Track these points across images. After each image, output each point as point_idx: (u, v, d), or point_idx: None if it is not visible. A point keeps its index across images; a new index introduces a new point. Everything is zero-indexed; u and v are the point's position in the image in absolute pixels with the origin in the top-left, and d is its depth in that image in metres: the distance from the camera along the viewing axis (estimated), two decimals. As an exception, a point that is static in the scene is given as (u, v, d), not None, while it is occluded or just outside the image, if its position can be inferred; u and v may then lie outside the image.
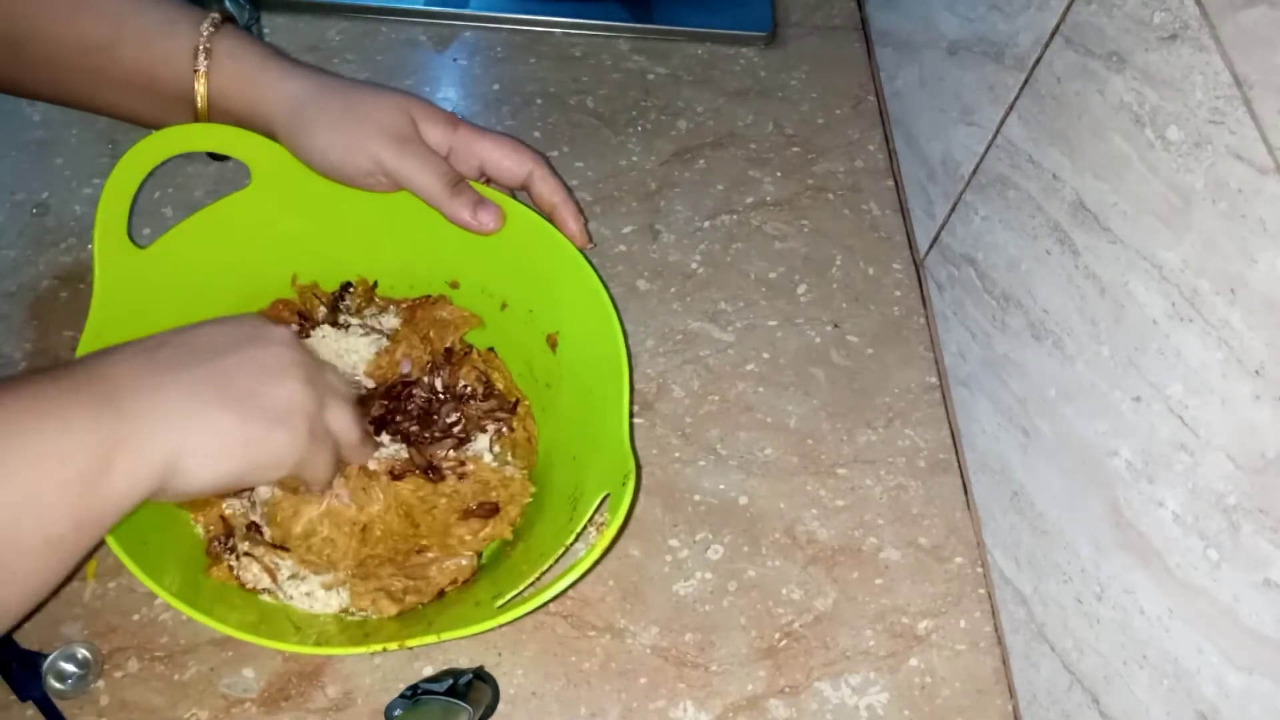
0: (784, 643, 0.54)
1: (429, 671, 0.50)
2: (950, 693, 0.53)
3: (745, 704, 0.51)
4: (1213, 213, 0.40)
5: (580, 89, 0.79)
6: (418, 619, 0.48)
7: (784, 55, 0.84)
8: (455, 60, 0.80)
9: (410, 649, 0.47)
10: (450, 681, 0.48)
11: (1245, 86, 0.38)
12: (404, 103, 0.52)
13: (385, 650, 0.43)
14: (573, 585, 0.42)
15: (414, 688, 0.47)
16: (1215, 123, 0.39)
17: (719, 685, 0.52)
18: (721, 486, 0.59)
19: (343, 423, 0.47)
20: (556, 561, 0.46)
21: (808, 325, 0.67)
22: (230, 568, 0.49)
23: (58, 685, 0.47)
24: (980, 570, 0.57)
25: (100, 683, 0.49)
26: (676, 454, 0.60)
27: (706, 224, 0.72)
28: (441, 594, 0.50)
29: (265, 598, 0.49)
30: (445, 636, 0.43)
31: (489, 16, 0.82)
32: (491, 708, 0.49)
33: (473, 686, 0.48)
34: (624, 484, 0.45)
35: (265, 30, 0.77)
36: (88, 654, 0.48)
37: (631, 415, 0.49)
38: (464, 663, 0.51)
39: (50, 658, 0.48)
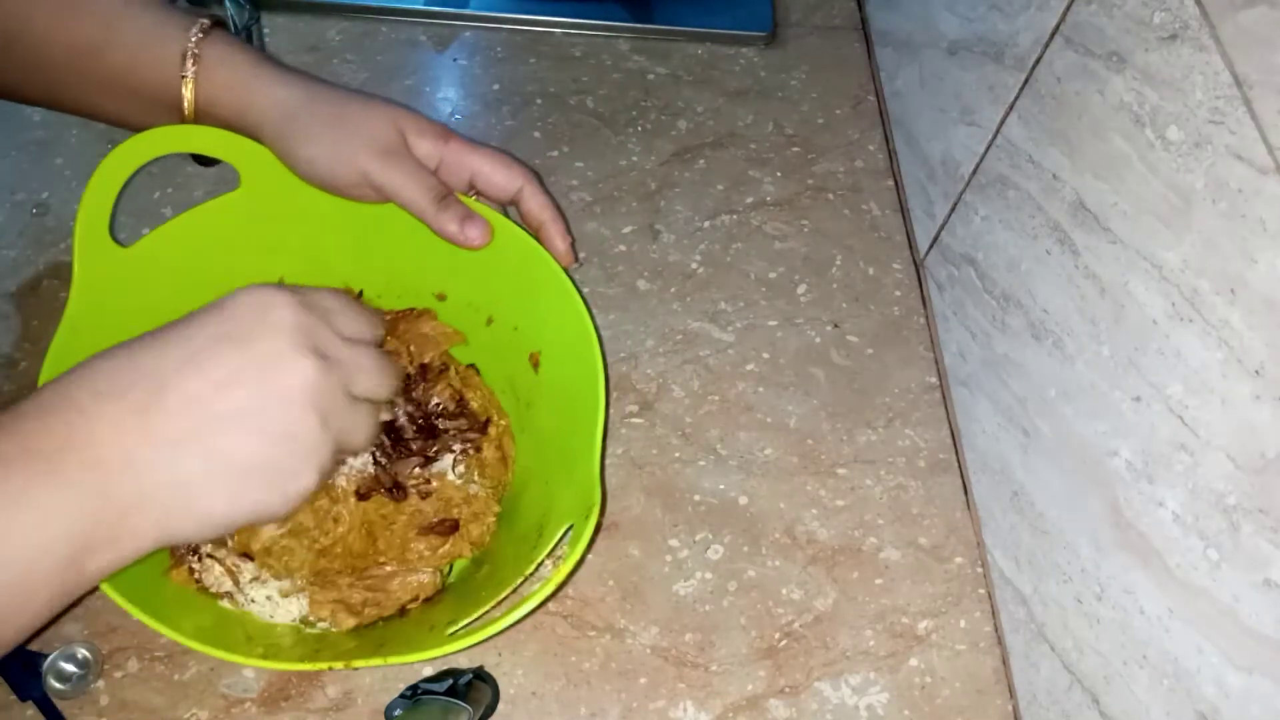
0: (784, 643, 0.54)
1: (429, 671, 0.50)
2: (950, 693, 0.53)
3: (745, 704, 0.51)
4: (1213, 213, 0.40)
5: (580, 89, 0.79)
6: (373, 637, 0.48)
7: (784, 55, 0.84)
8: (455, 60, 0.80)
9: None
10: (450, 681, 0.48)
11: (1245, 86, 0.38)
12: (394, 115, 0.51)
13: (331, 669, 0.43)
14: (523, 619, 0.41)
15: (414, 688, 0.47)
16: (1215, 123, 0.39)
17: (719, 685, 0.52)
18: (721, 486, 0.59)
19: (357, 441, 0.43)
20: (515, 590, 0.45)
21: (808, 325, 0.67)
22: (192, 570, 0.48)
23: (58, 685, 0.47)
24: (980, 570, 0.57)
25: (100, 683, 0.49)
26: (676, 454, 0.60)
27: (706, 224, 0.72)
28: (404, 611, 0.49)
29: (225, 603, 0.48)
30: (391, 661, 0.42)
31: (489, 16, 0.82)
32: (491, 708, 0.49)
33: (473, 686, 0.48)
34: (587, 518, 0.43)
35: (265, 30, 0.77)
36: (88, 654, 0.48)
37: (605, 445, 0.47)
38: (464, 663, 0.51)
39: (50, 658, 0.48)
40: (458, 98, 0.78)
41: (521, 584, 0.45)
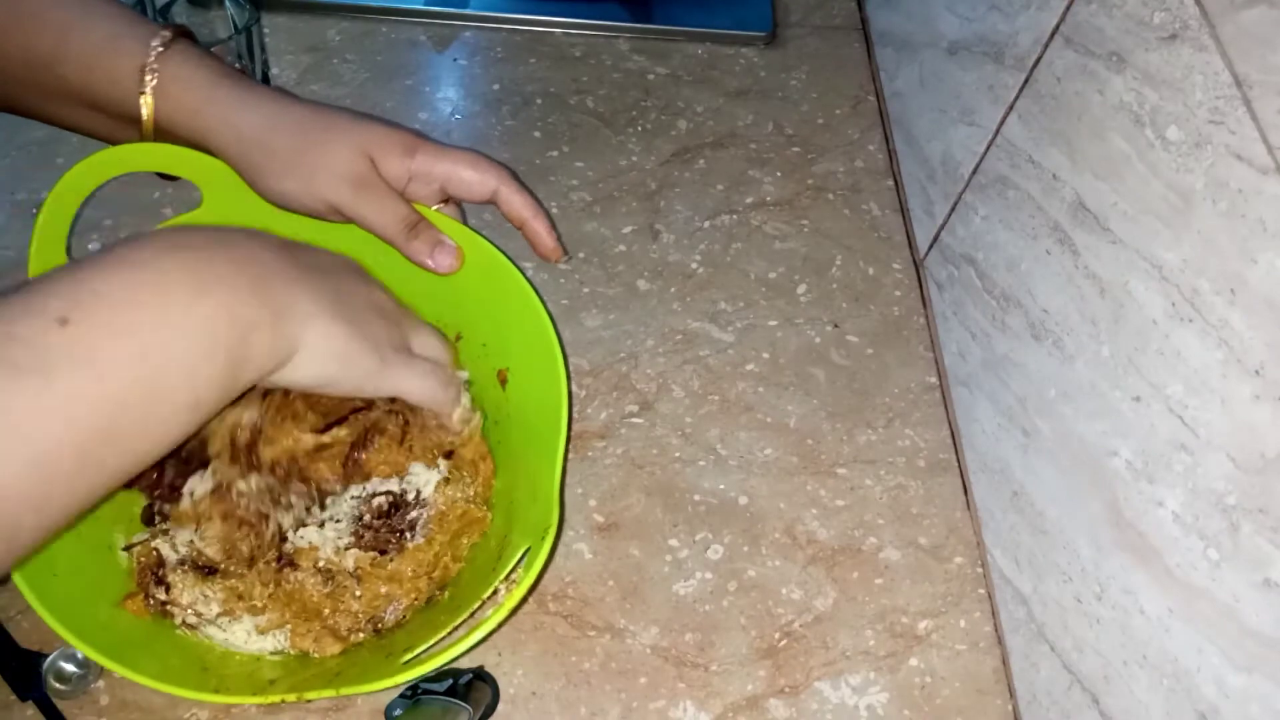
0: (784, 643, 0.54)
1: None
2: (950, 693, 0.53)
3: (745, 704, 0.51)
4: (1213, 213, 0.40)
5: (580, 89, 0.79)
6: (330, 666, 0.47)
7: (784, 55, 0.84)
8: (455, 60, 0.80)
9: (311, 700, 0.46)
10: (450, 681, 0.48)
11: (1245, 86, 0.38)
12: (359, 140, 0.49)
13: (284, 701, 0.43)
14: (475, 647, 0.41)
15: (414, 687, 0.47)
16: (1215, 123, 0.39)
17: (719, 685, 0.52)
18: (721, 486, 0.59)
19: (433, 351, 0.50)
20: (472, 615, 0.44)
21: (808, 325, 0.67)
22: (151, 600, 0.48)
23: (58, 685, 0.47)
24: (980, 570, 0.57)
25: (100, 683, 0.48)
26: (676, 454, 0.60)
27: (706, 224, 0.72)
28: (380, 631, 0.49)
29: (184, 632, 0.48)
30: (344, 692, 0.42)
31: (489, 16, 0.82)
32: (491, 708, 0.49)
33: (473, 686, 0.48)
34: (543, 539, 0.43)
35: (265, 30, 0.77)
36: (88, 654, 0.48)
37: (566, 465, 0.47)
38: (464, 663, 0.51)
39: (50, 658, 0.48)
40: (458, 98, 0.78)
41: (478, 608, 0.44)
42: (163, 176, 0.66)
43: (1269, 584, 0.36)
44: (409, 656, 0.43)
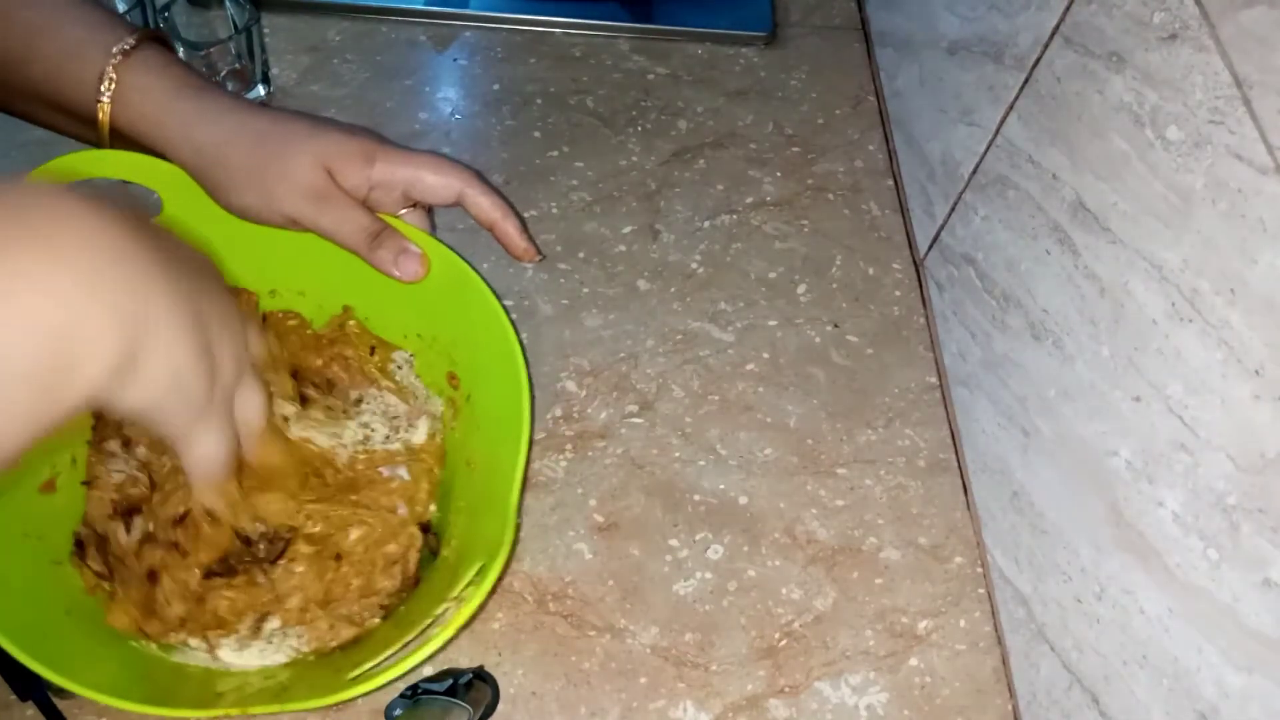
0: (784, 643, 0.54)
1: (429, 671, 0.50)
2: (950, 693, 0.53)
3: (745, 704, 0.51)
4: (1213, 213, 0.40)
5: (580, 89, 0.79)
6: (277, 680, 0.47)
7: (784, 55, 0.84)
8: (455, 60, 0.80)
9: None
10: (450, 681, 0.48)
11: (1245, 86, 0.38)
12: (317, 152, 0.48)
13: (228, 716, 0.42)
14: (423, 663, 0.41)
15: (414, 687, 0.47)
16: (1215, 123, 0.39)
17: (719, 685, 0.52)
18: (721, 486, 0.59)
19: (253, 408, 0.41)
20: (422, 633, 0.44)
21: (808, 325, 0.67)
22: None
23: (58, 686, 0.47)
24: (980, 570, 0.57)
25: (100, 683, 0.48)
26: (676, 454, 0.60)
27: (706, 224, 0.72)
28: (388, 613, 0.49)
29: (141, 644, 0.47)
30: (290, 708, 0.41)
31: (489, 16, 0.82)
32: (491, 708, 0.49)
33: (473, 686, 0.48)
34: (495, 556, 0.43)
35: (265, 30, 0.77)
36: (88, 654, 0.48)
37: (526, 480, 0.47)
38: (464, 663, 0.51)
39: (50, 658, 0.47)
40: (458, 98, 0.78)
41: (429, 626, 0.44)
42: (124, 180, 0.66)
43: (1269, 584, 0.36)
44: (356, 672, 0.42)
